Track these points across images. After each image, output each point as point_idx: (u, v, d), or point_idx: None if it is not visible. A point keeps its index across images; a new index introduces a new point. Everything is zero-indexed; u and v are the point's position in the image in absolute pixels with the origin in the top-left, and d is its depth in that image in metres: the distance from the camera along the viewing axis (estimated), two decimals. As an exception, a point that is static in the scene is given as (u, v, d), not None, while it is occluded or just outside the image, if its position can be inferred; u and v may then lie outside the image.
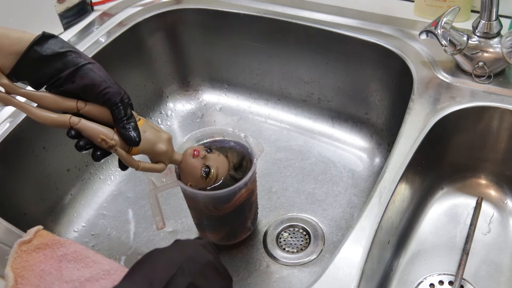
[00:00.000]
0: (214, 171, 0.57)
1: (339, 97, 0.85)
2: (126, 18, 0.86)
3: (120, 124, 0.49)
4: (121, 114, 0.49)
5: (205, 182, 0.57)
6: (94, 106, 0.49)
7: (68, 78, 0.47)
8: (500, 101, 0.64)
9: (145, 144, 0.51)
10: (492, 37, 0.64)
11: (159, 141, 0.53)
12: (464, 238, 0.65)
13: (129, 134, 0.49)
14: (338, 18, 0.80)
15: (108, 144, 0.48)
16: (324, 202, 0.75)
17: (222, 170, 0.59)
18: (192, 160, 0.56)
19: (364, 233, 0.50)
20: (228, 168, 0.60)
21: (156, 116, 0.92)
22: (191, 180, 0.57)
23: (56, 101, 0.48)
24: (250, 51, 0.88)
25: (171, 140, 0.55)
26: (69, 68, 0.47)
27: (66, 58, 0.47)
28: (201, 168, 0.56)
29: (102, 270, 0.47)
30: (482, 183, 0.71)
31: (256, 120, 0.91)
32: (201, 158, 0.56)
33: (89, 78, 0.47)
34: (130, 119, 0.49)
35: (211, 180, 0.57)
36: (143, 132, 0.51)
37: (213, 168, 0.57)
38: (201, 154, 0.57)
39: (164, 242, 0.71)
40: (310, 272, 0.66)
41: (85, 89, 0.48)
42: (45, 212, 0.73)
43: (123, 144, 0.50)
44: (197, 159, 0.56)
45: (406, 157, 0.58)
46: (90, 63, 0.48)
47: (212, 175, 0.57)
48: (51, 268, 0.48)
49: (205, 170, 0.56)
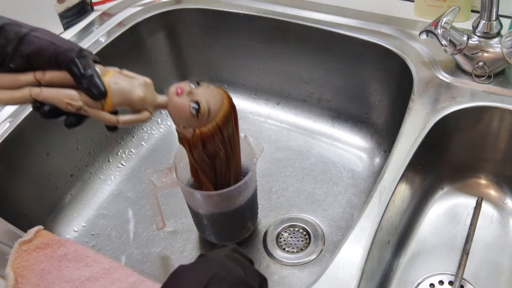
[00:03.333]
0: (204, 106, 0.50)
1: (339, 97, 0.85)
2: (126, 18, 0.86)
3: (80, 81, 0.45)
4: (79, 70, 0.45)
5: (198, 120, 0.51)
6: (53, 73, 0.46)
7: (15, 53, 0.44)
8: (500, 101, 0.64)
9: (118, 95, 0.47)
10: (492, 37, 0.64)
11: (134, 88, 0.48)
12: (464, 238, 0.65)
13: (91, 87, 0.45)
14: (338, 18, 0.80)
15: (75, 106, 0.45)
16: (324, 202, 0.75)
17: (215, 102, 0.51)
18: (177, 99, 0.50)
19: (364, 233, 0.50)
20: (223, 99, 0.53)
21: (156, 116, 0.92)
22: (182, 121, 0.51)
23: (12, 80, 0.45)
24: (250, 51, 0.88)
25: (151, 84, 0.50)
26: (12, 42, 0.44)
27: (6, 33, 0.44)
28: (189, 105, 0.50)
29: (102, 269, 0.47)
30: (482, 183, 0.71)
31: (256, 120, 0.91)
32: (186, 95, 0.50)
33: (35, 45, 0.44)
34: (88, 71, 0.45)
35: (203, 116, 0.50)
36: (113, 83, 0.47)
37: (202, 103, 0.50)
38: (185, 91, 0.50)
39: (164, 242, 0.71)
40: (310, 272, 0.66)
41: (35, 57, 0.45)
42: (45, 212, 0.73)
43: (93, 102, 0.46)
44: (183, 97, 0.50)
45: (406, 157, 0.58)
46: (33, 30, 0.45)
47: (203, 110, 0.50)
48: (51, 268, 0.48)
49: (194, 107, 0.50)
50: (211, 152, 0.54)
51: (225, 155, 0.55)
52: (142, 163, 0.84)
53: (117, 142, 0.85)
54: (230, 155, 0.56)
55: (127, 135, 0.87)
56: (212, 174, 0.57)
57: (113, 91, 0.47)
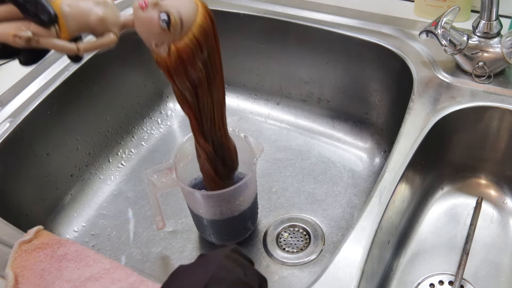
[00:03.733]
0: (175, 16, 0.43)
1: (339, 97, 0.85)
2: (126, 18, 0.86)
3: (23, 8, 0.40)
4: None
5: (170, 34, 0.44)
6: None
7: None
8: (500, 101, 0.64)
9: (73, 18, 0.42)
10: (492, 37, 0.64)
11: (91, 9, 0.43)
12: (464, 238, 0.65)
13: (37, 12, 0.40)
14: (338, 18, 0.80)
15: (23, 37, 0.40)
16: (324, 202, 0.75)
17: (188, 10, 0.45)
18: (143, 14, 0.44)
19: (364, 233, 0.50)
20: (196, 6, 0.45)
21: (156, 116, 0.92)
22: (154, 38, 0.45)
23: None
24: (250, 51, 0.88)
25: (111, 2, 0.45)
26: None
27: None
28: (158, 17, 0.43)
29: (102, 269, 0.48)
30: (482, 183, 0.71)
31: (256, 120, 0.91)
32: (152, 8, 0.44)
33: None
34: None
35: (176, 28, 0.44)
36: (66, 6, 0.42)
37: (172, 13, 0.43)
38: (150, 2, 0.43)
39: (164, 242, 0.71)
40: (310, 272, 0.66)
41: None
42: (45, 212, 0.73)
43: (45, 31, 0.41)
44: (149, 10, 0.44)
45: (406, 157, 0.58)
46: None
47: (175, 21, 0.43)
48: (51, 268, 0.48)
49: (164, 19, 0.43)
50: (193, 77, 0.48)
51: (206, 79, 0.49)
52: (142, 163, 0.84)
53: (117, 142, 0.85)
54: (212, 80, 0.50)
55: (127, 135, 0.87)
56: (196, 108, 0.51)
57: (67, 15, 0.42)
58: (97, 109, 0.81)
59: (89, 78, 0.78)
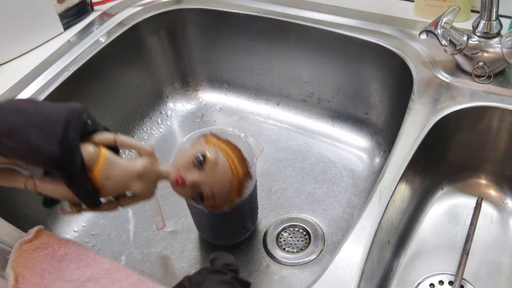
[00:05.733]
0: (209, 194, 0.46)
1: (339, 97, 0.85)
2: (126, 18, 0.86)
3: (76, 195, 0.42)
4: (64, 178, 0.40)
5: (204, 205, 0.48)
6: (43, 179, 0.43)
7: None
8: (500, 101, 0.64)
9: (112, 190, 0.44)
10: (492, 37, 0.64)
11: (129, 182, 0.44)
12: (464, 238, 0.65)
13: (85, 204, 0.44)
14: (338, 18, 0.80)
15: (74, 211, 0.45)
16: (324, 202, 0.75)
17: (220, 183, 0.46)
18: (178, 189, 0.47)
19: (364, 233, 0.50)
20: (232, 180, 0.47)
21: (156, 116, 0.92)
22: None
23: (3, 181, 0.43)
24: (250, 51, 0.88)
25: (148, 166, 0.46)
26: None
27: None
28: (191, 196, 0.47)
29: (102, 270, 0.47)
30: (482, 183, 0.71)
31: (256, 120, 0.91)
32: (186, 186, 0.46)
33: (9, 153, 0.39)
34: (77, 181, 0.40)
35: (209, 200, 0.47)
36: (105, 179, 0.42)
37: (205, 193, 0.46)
38: (187, 181, 0.46)
39: (164, 242, 0.71)
40: (310, 272, 0.66)
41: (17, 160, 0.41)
42: (45, 212, 0.73)
43: None
44: (183, 188, 0.46)
45: (406, 157, 0.58)
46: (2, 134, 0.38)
47: (207, 196, 0.46)
48: (51, 268, 0.48)
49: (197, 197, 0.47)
50: None
51: None
52: (142, 163, 0.84)
53: (117, 142, 0.85)
54: None
55: (127, 135, 0.86)
56: None
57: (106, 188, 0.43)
58: (97, 109, 0.81)
59: (89, 78, 0.78)
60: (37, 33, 0.81)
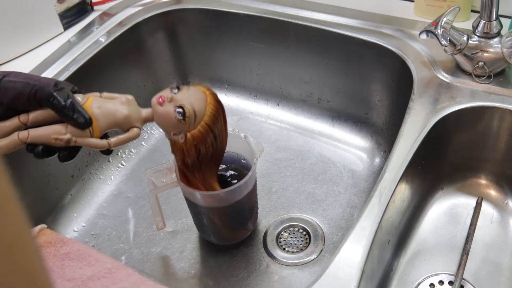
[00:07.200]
0: (189, 108, 0.51)
1: (339, 97, 0.85)
2: (126, 18, 0.86)
3: (63, 114, 0.46)
4: (60, 103, 0.46)
5: (186, 124, 0.51)
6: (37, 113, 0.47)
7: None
8: (500, 101, 0.64)
9: (103, 118, 0.49)
10: (492, 37, 0.64)
11: (117, 108, 0.50)
12: (464, 238, 0.65)
13: (75, 118, 0.47)
14: (338, 18, 0.80)
15: (63, 139, 0.46)
16: (324, 202, 0.75)
17: (199, 102, 0.52)
18: (161, 108, 0.51)
19: (364, 233, 0.51)
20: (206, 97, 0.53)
21: (156, 116, 0.92)
22: (171, 129, 0.52)
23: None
24: (250, 51, 0.88)
25: (133, 100, 0.52)
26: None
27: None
28: (174, 111, 0.51)
29: (104, 269, 0.48)
30: (482, 183, 0.71)
31: (256, 120, 0.91)
32: (169, 103, 0.51)
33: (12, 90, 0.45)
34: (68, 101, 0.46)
35: (190, 119, 0.51)
36: (96, 108, 0.48)
37: (186, 106, 0.51)
38: (167, 98, 0.51)
39: (164, 242, 0.71)
40: (310, 272, 0.66)
41: (15, 102, 0.46)
42: (45, 212, 0.73)
43: (81, 132, 0.47)
44: (166, 105, 0.51)
45: (406, 157, 0.58)
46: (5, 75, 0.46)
47: (189, 113, 0.51)
48: (53, 266, 0.48)
49: (179, 111, 0.50)
50: (203, 153, 0.55)
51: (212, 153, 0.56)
52: (142, 163, 0.84)
53: (117, 142, 0.85)
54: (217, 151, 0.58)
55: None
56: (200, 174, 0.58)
57: (98, 116, 0.48)
58: (97, 109, 0.81)
59: (89, 78, 0.78)
60: (37, 33, 0.81)
